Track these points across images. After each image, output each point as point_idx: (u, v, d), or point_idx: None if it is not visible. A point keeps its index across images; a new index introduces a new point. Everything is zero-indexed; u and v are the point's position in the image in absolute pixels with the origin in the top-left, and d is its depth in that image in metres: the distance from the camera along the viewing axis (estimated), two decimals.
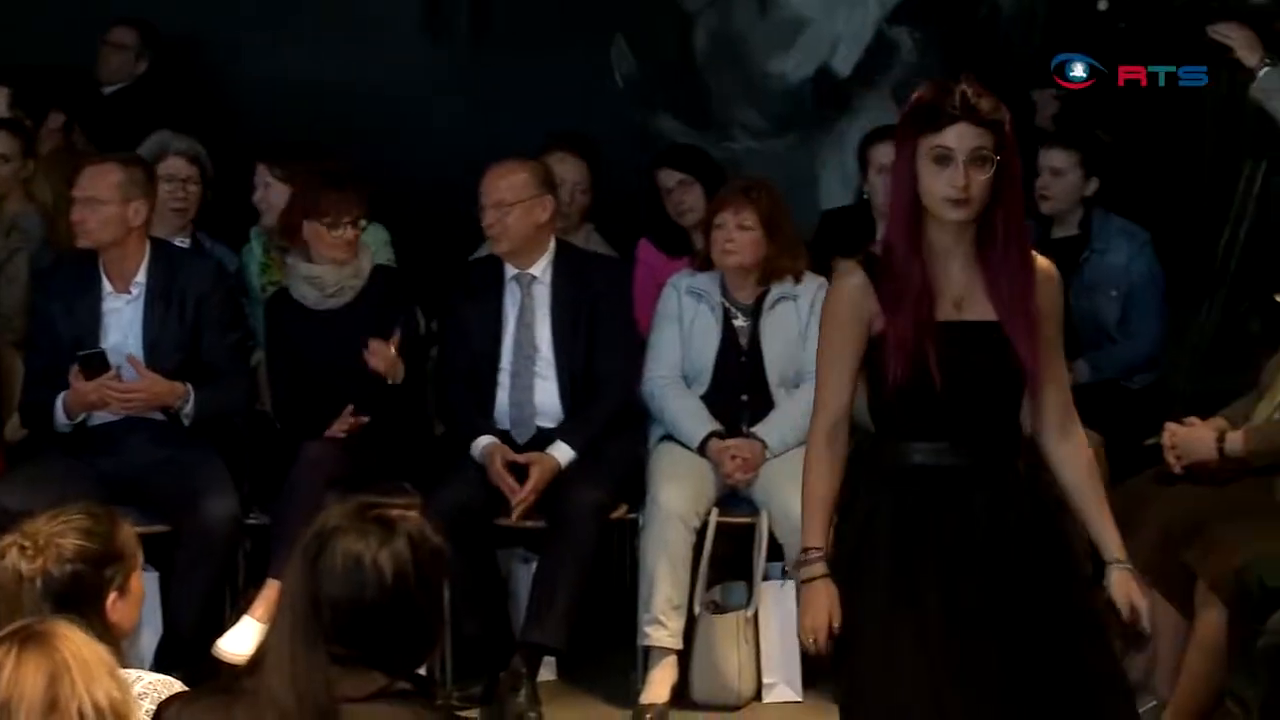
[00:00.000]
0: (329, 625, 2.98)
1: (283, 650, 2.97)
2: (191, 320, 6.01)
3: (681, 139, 7.88)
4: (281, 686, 2.94)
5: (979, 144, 3.67)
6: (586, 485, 5.95)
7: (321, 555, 2.99)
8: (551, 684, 6.11)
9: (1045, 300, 3.83)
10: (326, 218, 6.10)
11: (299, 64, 8.10)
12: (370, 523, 3.02)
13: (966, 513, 3.81)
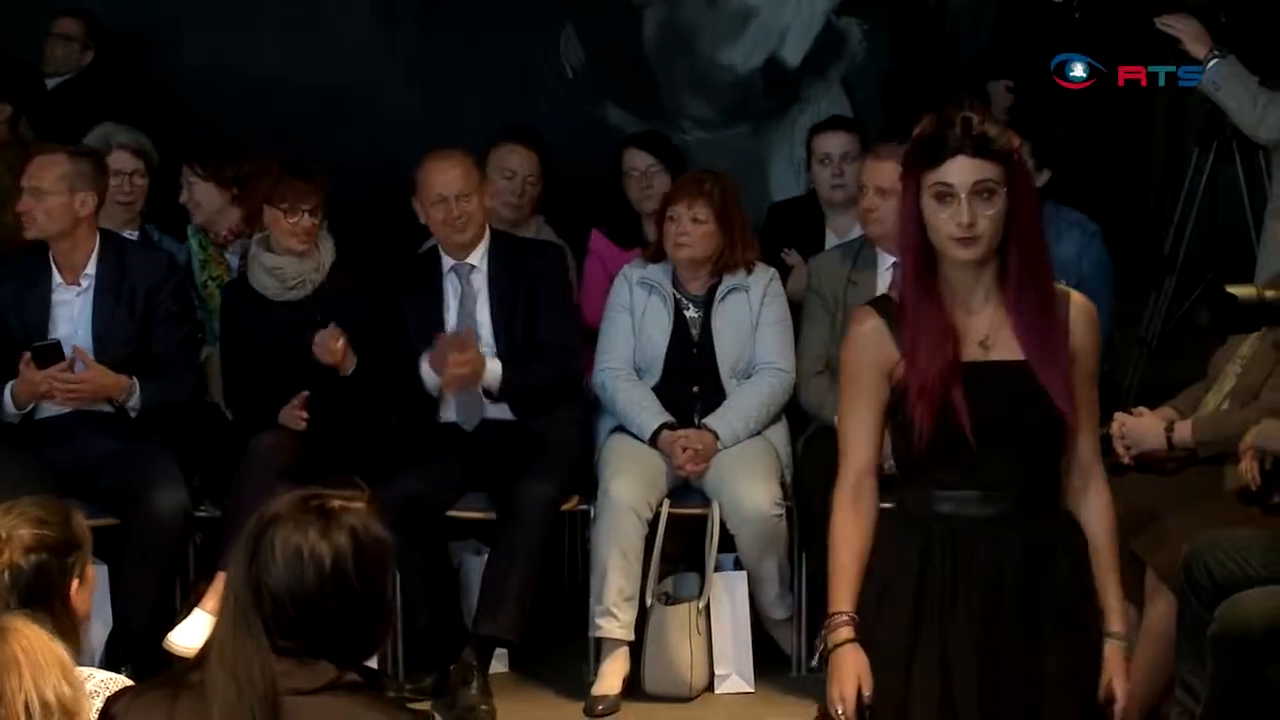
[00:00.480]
0: (271, 617, 2.97)
1: (224, 642, 2.97)
2: (141, 312, 5.99)
3: (631, 129, 7.87)
4: (223, 678, 2.94)
5: (982, 177, 3.45)
6: (537, 478, 5.94)
7: (260, 546, 2.99)
8: (503, 676, 6.11)
9: (1078, 339, 3.56)
10: (284, 204, 6.10)
11: (246, 56, 8.07)
12: (310, 514, 3.02)
13: (995, 569, 3.55)
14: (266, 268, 6.18)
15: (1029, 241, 3.51)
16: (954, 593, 3.53)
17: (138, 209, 6.68)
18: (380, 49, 8.26)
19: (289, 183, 6.12)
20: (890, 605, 3.57)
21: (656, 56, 8.37)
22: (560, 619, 6.37)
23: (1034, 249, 3.53)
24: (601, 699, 5.89)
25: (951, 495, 3.57)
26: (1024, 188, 3.55)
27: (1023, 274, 3.51)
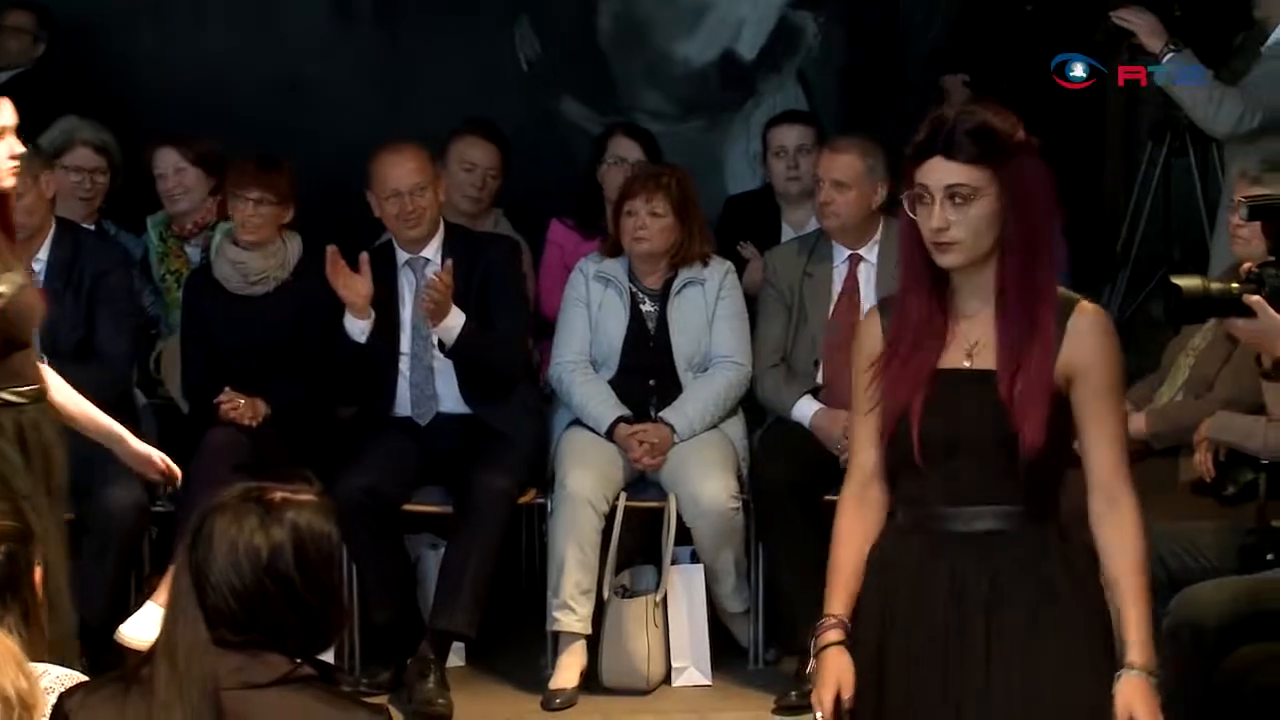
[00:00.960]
0: (215, 610, 2.97)
1: (168, 636, 2.97)
2: (87, 300, 5.95)
3: (586, 123, 7.87)
4: (165, 672, 2.93)
5: (954, 181, 3.32)
6: (494, 471, 5.94)
7: (200, 539, 2.98)
8: (460, 670, 6.10)
9: (1082, 352, 3.36)
10: (233, 191, 6.10)
11: (199, 48, 8.03)
12: (251, 506, 3.01)
13: (952, 585, 3.43)
14: (231, 260, 6.17)
15: (1024, 247, 3.35)
16: (915, 608, 3.46)
17: (96, 205, 6.65)
18: (334, 41, 8.22)
19: (241, 171, 6.16)
20: (862, 609, 3.52)
21: (612, 50, 8.36)
22: (517, 612, 6.38)
23: (1029, 256, 3.35)
24: (558, 692, 5.89)
25: (910, 506, 3.48)
26: (1024, 192, 3.35)
27: (1010, 281, 3.37)
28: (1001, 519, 3.41)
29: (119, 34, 8.20)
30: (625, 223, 6.16)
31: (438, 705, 5.76)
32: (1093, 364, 3.36)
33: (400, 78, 8.13)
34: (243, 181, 6.12)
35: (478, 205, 6.80)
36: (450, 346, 6.01)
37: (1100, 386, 3.37)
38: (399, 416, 6.18)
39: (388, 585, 6.00)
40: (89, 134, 6.63)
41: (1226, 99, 6.12)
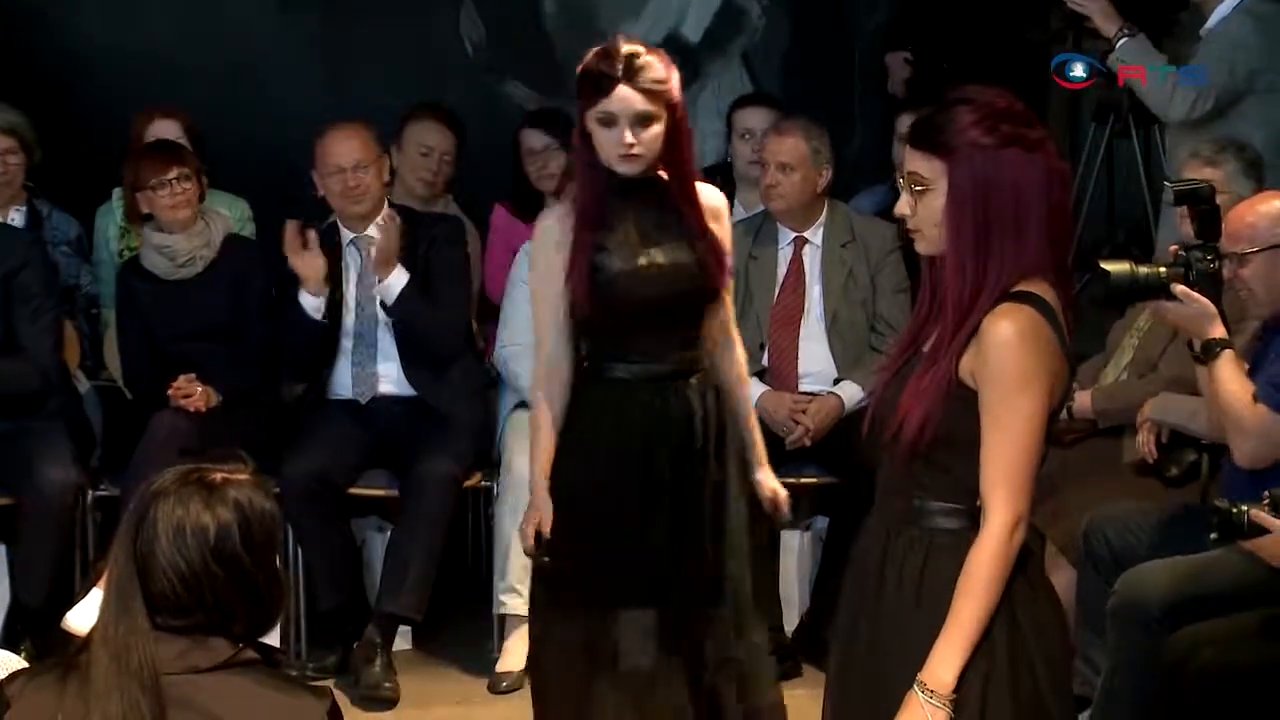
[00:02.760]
0: (160, 595, 2.95)
1: (106, 625, 2.94)
2: (1, 299, 5.90)
3: (533, 106, 7.84)
4: (104, 659, 2.91)
5: (911, 169, 3.29)
6: (440, 455, 5.93)
7: (144, 523, 2.96)
8: (407, 653, 6.11)
9: (980, 363, 3.25)
10: (150, 182, 6.07)
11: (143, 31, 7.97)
12: (193, 487, 2.99)
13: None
14: (156, 246, 6.15)
15: (958, 246, 3.27)
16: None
17: (17, 186, 6.59)
18: (279, 24, 8.19)
19: (148, 163, 6.13)
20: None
21: (557, 32, 8.34)
22: (464, 596, 6.37)
23: (962, 254, 3.26)
24: (505, 675, 5.89)
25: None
26: (971, 188, 3.24)
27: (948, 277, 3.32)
28: (902, 510, 3.33)
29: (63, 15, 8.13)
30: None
31: (384, 689, 5.75)
32: (985, 377, 3.19)
33: (344, 61, 8.10)
34: (156, 168, 6.10)
35: (432, 189, 6.79)
36: (391, 304, 6.00)
37: (987, 400, 3.20)
38: (340, 398, 6.16)
39: (334, 569, 5.99)
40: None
41: (1180, 84, 6.14)
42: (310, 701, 3.04)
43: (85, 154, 6.83)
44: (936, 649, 3.16)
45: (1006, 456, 3.17)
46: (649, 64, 4.32)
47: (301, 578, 6.02)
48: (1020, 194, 3.20)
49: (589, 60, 4.35)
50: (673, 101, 4.34)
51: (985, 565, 3.16)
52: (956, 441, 3.21)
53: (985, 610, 3.16)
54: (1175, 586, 4.59)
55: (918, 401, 3.23)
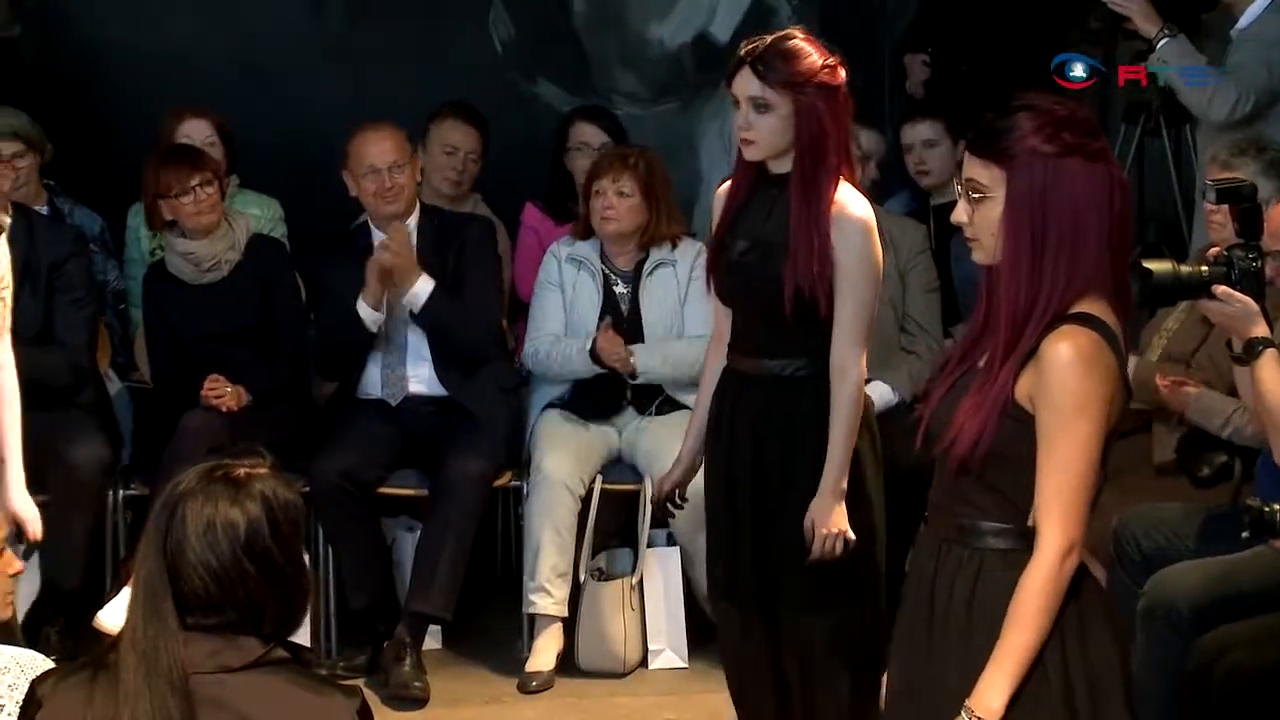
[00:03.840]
0: (190, 594, 2.96)
1: (135, 625, 2.95)
2: (45, 288, 5.92)
3: (561, 105, 7.85)
4: (132, 660, 2.92)
5: (968, 175, 3.25)
6: (470, 454, 5.95)
7: (173, 523, 2.97)
8: (437, 653, 6.11)
9: (1038, 385, 3.21)
10: (173, 190, 6.08)
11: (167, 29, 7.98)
12: (219, 484, 3.00)
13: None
14: (180, 253, 6.16)
15: (1013, 258, 3.24)
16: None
17: (35, 185, 6.60)
18: (305, 22, 8.19)
19: (169, 170, 6.11)
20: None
21: (586, 31, 8.34)
22: (494, 596, 6.39)
23: (1016, 268, 3.22)
24: (535, 675, 5.90)
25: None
26: (1029, 198, 3.20)
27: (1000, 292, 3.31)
28: (956, 528, 3.31)
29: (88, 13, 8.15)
30: (594, 203, 6.16)
31: (414, 688, 5.76)
32: (1043, 401, 3.15)
33: (371, 60, 8.10)
34: (178, 176, 6.09)
35: (458, 189, 6.80)
36: (418, 312, 6.01)
37: (1044, 424, 3.15)
38: (370, 398, 6.18)
39: (364, 568, 6.01)
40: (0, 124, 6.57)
41: (1221, 87, 6.13)
42: (340, 701, 3.05)
43: (111, 152, 6.85)
44: (986, 674, 3.13)
45: (1062, 482, 3.13)
46: (783, 51, 4.29)
47: (331, 577, 6.04)
48: (1080, 204, 3.16)
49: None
50: (800, 93, 4.30)
51: (1037, 592, 3.12)
52: (1009, 462, 3.18)
53: (1036, 638, 3.13)
54: (1205, 587, 4.59)
55: (972, 419, 3.19)
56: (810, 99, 4.29)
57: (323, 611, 6.05)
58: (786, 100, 4.29)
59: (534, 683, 5.89)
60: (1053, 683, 3.16)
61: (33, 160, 6.57)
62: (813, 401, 4.43)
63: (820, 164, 4.33)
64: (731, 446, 4.56)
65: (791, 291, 4.33)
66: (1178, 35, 6.17)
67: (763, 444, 4.50)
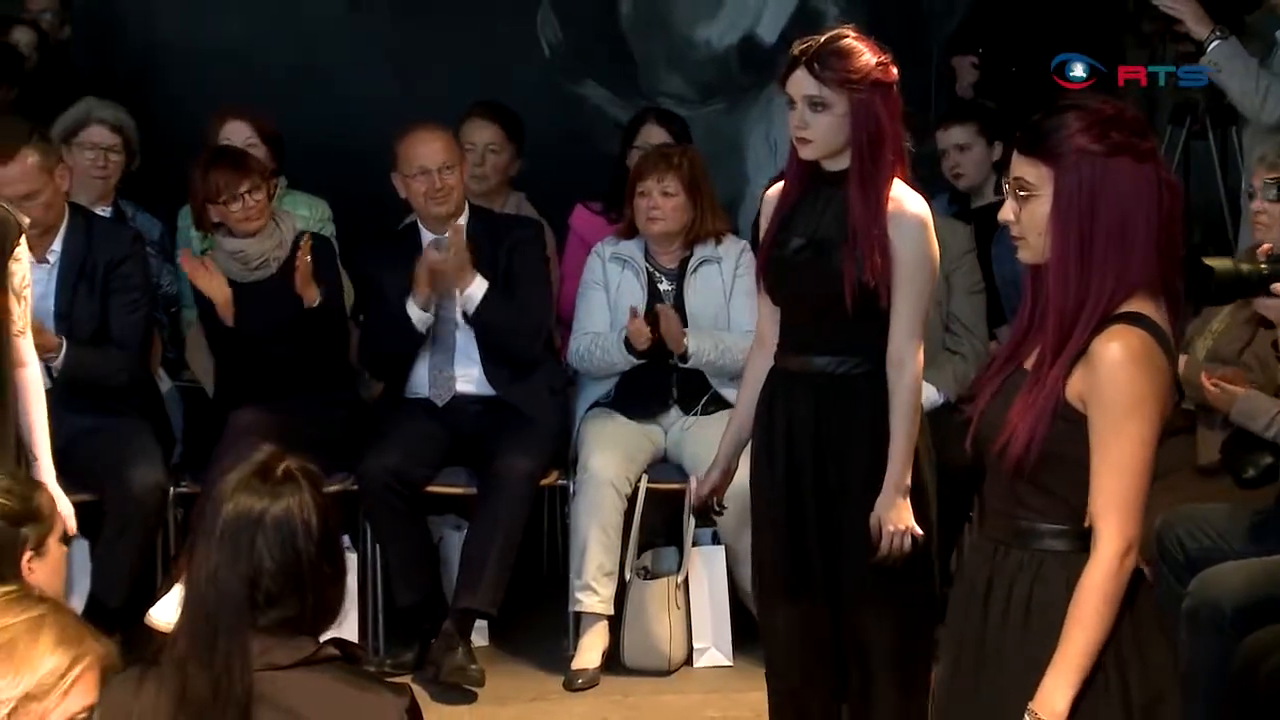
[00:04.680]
0: (262, 597, 2.97)
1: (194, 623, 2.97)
2: (101, 288, 5.95)
3: (608, 107, 7.87)
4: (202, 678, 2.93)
5: (1017, 174, 3.25)
6: (517, 453, 5.96)
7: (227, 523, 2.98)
8: (483, 650, 6.12)
9: (1090, 384, 3.23)
10: (222, 196, 6.09)
11: (222, 33, 8.02)
12: (271, 482, 3.02)
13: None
14: (229, 253, 6.17)
15: (1061, 255, 3.25)
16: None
17: (113, 184, 6.65)
18: (354, 25, 8.22)
19: (217, 176, 6.13)
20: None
21: (633, 33, 8.36)
22: (540, 594, 6.40)
23: (1063, 264, 3.23)
24: (581, 672, 5.92)
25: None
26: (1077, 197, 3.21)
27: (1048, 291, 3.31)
28: (1013, 531, 3.30)
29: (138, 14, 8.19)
30: (639, 203, 6.17)
31: (471, 671, 5.78)
32: (1095, 401, 3.14)
33: (417, 62, 8.13)
34: (226, 182, 6.10)
35: (484, 183, 6.76)
36: (472, 314, 6.04)
37: (1098, 425, 3.15)
38: (418, 397, 6.20)
39: (412, 566, 6.02)
40: (106, 113, 6.62)
41: (1273, 88, 6.12)
42: (389, 698, 3.06)
43: (163, 154, 6.87)
44: (1048, 677, 3.12)
45: (1118, 482, 3.12)
46: (838, 50, 4.29)
47: (379, 575, 6.06)
48: (1128, 204, 3.14)
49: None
50: (856, 91, 4.30)
51: (1097, 593, 3.12)
52: (1063, 463, 3.17)
53: (1098, 638, 3.13)
54: (1249, 588, 4.57)
55: (1024, 421, 3.18)
56: (866, 96, 4.30)
57: (370, 609, 6.07)
58: (842, 98, 4.29)
59: (580, 680, 5.90)
60: (1111, 684, 3.15)
61: (122, 160, 6.60)
62: (868, 398, 4.42)
63: (878, 160, 4.33)
64: (787, 446, 4.53)
65: (853, 285, 4.32)
66: (1229, 37, 6.16)
67: (820, 442, 4.48)
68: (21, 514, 3.50)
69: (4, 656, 2.72)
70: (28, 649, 2.74)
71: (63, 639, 2.78)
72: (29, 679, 2.72)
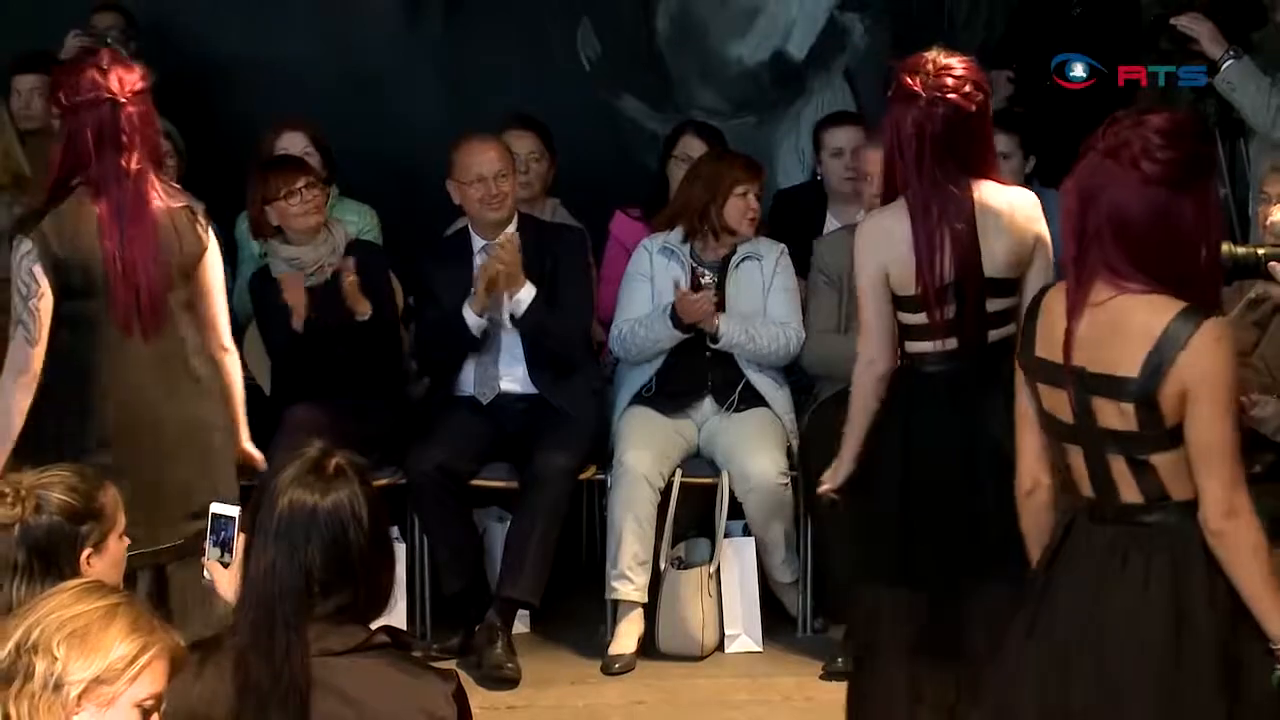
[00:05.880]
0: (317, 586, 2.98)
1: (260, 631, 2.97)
2: None
3: (644, 119, 7.87)
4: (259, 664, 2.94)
5: None
6: (557, 449, 5.96)
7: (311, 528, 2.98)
8: (525, 636, 6.12)
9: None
10: (280, 193, 6.09)
11: (281, 46, 8.02)
12: (326, 476, 3.03)
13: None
14: (285, 259, 6.17)
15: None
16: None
17: None
18: (406, 43, 8.23)
19: (275, 175, 6.15)
20: None
21: (669, 49, 8.35)
22: (578, 583, 6.40)
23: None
24: (618, 658, 5.91)
25: None
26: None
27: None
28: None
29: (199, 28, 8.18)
30: (736, 203, 6.18)
31: (507, 669, 5.78)
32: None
33: (467, 77, 8.13)
34: (284, 179, 6.12)
35: (529, 189, 6.74)
36: (519, 318, 6.03)
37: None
38: (464, 395, 6.20)
39: (457, 556, 6.03)
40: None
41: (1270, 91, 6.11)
42: (437, 683, 3.07)
43: (222, 164, 6.86)
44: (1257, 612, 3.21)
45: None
46: (948, 66, 4.37)
47: (426, 564, 6.06)
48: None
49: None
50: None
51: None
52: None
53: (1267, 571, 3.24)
54: None
55: None
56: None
57: (418, 597, 6.07)
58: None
59: (616, 665, 5.90)
60: None
61: (174, 166, 6.58)
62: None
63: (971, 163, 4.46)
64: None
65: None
66: (1243, 57, 6.16)
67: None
68: (84, 512, 3.48)
69: (77, 641, 2.73)
70: (100, 635, 2.75)
71: (134, 628, 2.78)
72: (99, 663, 2.72)
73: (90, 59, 4.67)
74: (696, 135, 6.92)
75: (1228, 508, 3.24)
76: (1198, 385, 3.20)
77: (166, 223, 4.62)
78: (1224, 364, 3.22)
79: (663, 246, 6.26)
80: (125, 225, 4.55)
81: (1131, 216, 3.24)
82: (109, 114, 4.56)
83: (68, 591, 2.82)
